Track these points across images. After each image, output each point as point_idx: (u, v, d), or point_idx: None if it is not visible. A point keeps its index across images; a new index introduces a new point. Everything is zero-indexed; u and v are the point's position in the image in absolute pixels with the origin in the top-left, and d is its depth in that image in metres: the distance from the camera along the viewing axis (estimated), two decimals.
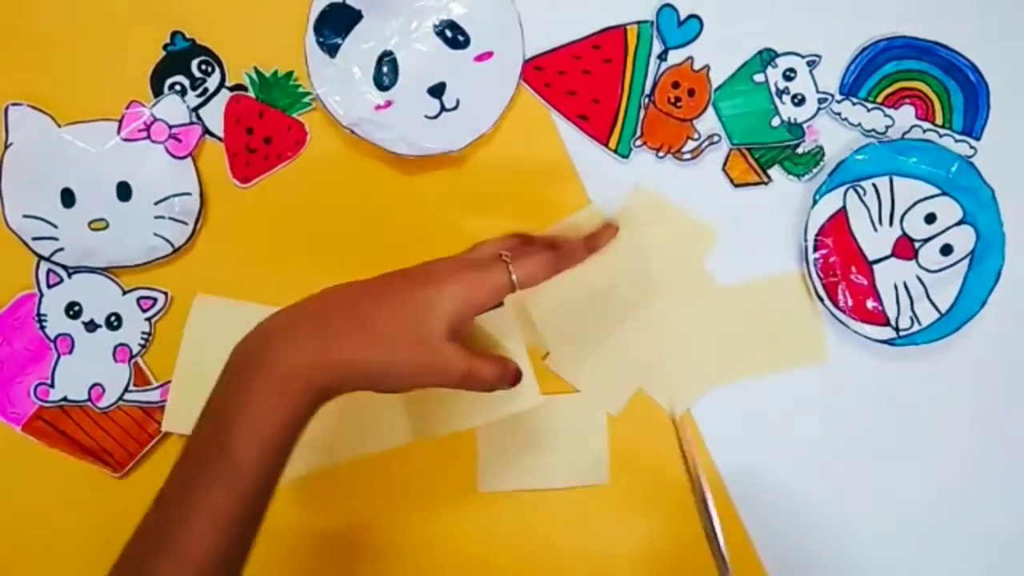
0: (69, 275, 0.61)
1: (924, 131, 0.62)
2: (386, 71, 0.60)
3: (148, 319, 0.61)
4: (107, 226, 0.60)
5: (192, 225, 0.61)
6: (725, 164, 0.63)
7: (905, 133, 0.62)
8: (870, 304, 0.61)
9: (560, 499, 0.63)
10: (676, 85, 0.62)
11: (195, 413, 0.43)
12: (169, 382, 0.61)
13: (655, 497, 0.63)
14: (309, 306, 0.45)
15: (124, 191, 0.60)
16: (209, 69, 0.61)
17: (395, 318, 0.44)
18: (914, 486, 0.63)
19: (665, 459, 0.63)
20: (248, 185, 0.62)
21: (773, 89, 0.62)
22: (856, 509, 0.63)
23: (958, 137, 0.62)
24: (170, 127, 0.60)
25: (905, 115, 0.62)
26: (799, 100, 0.62)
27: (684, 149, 0.62)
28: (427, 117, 0.60)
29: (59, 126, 0.59)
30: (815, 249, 0.61)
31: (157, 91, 0.61)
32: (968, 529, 0.63)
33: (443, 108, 0.60)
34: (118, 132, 0.60)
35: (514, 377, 0.50)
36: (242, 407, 0.42)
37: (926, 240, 0.61)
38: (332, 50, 0.60)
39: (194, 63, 0.61)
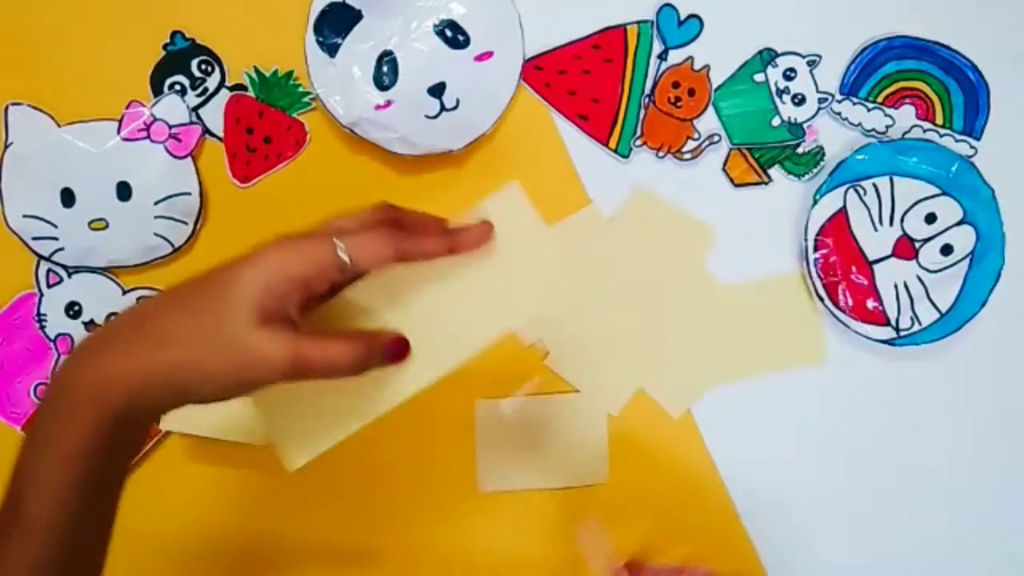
0: (69, 275, 0.61)
1: (924, 131, 0.62)
2: (386, 71, 0.60)
3: None
4: (107, 226, 0.60)
5: (192, 225, 0.61)
6: (725, 164, 0.63)
7: (905, 133, 0.62)
8: (870, 304, 0.61)
9: (560, 499, 0.63)
10: (676, 85, 0.62)
11: (195, 412, 0.41)
12: None
13: (655, 497, 0.63)
14: (107, 323, 0.41)
15: (124, 191, 0.60)
16: (209, 69, 0.61)
17: (184, 314, 0.38)
18: (914, 486, 0.63)
19: (665, 459, 0.63)
20: (248, 185, 0.62)
21: (773, 89, 0.62)
22: (856, 509, 0.63)
23: (958, 137, 0.62)
24: (170, 127, 0.60)
25: (905, 115, 0.62)
26: (799, 100, 0.62)
27: (684, 149, 0.62)
28: (427, 117, 0.60)
29: (59, 126, 0.59)
30: (815, 249, 0.61)
31: (157, 91, 0.61)
32: (968, 529, 0.63)
33: (443, 108, 0.60)
34: (118, 132, 0.60)
35: (389, 351, 0.43)
36: (35, 451, 0.37)
37: (926, 240, 0.61)
38: (332, 50, 0.60)
39: (194, 63, 0.61)
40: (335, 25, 0.59)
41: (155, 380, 0.37)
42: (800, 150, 0.63)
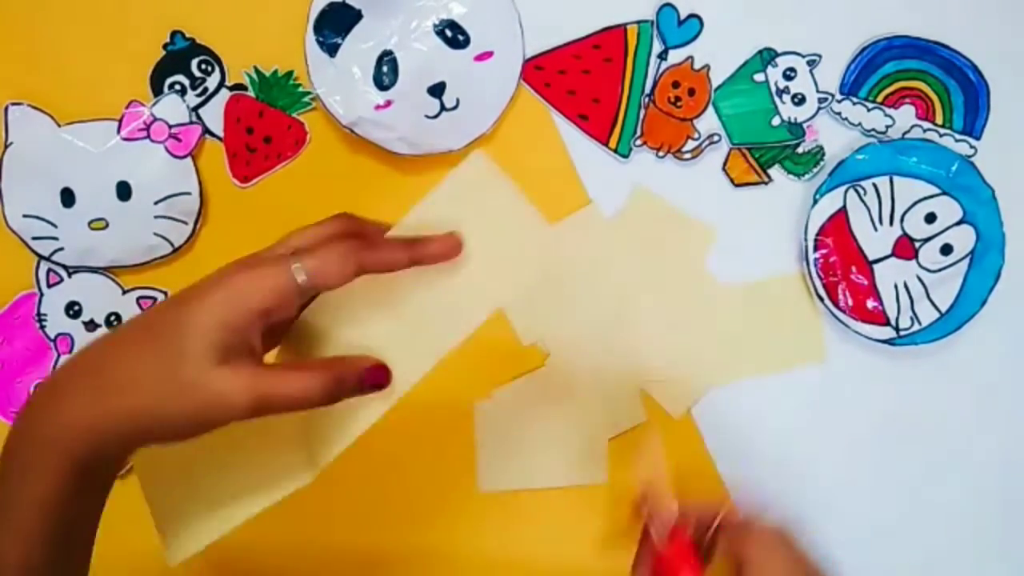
0: (69, 275, 0.61)
1: (924, 131, 0.62)
2: (386, 71, 0.60)
3: None
4: (107, 226, 0.60)
5: (192, 225, 0.61)
6: (725, 164, 0.63)
7: (905, 133, 0.62)
8: (870, 304, 0.61)
9: (560, 499, 0.63)
10: (676, 85, 0.62)
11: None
12: None
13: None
14: (63, 366, 0.38)
15: (124, 190, 0.60)
16: (209, 68, 0.61)
17: (140, 358, 0.36)
18: (914, 486, 0.63)
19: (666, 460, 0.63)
20: (248, 185, 0.62)
21: (773, 89, 0.62)
22: (856, 509, 0.63)
23: (958, 137, 0.62)
24: (170, 127, 0.60)
25: (905, 115, 0.62)
26: (799, 100, 0.62)
27: (684, 149, 0.62)
28: (427, 117, 0.60)
29: (59, 125, 0.59)
30: (815, 249, 0.61)
31: (157, 91, 0.61)
32: (968, 528, 0.63)
33: (443, 108, 0.60)
34: (118, 132, 0.60)
35: (368, 377, 0.40)
36: (3, 495, 0.36)
37: (926, 240, 0.61)
38: (332, 50, 0.60)
39: (194, 63, 0.61)
40: (335, 25, 0.59)
41: (116, 427, 0.36)
42: (800, 150, 0.63)
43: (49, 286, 0.61)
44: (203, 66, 0.61)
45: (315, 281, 0.38)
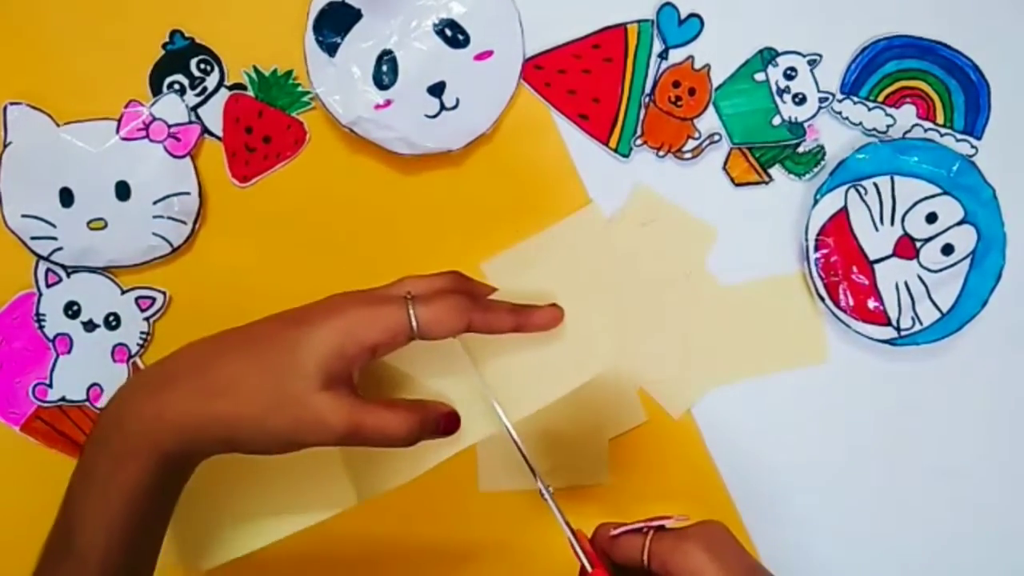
0: (68, 275, 0.61)
1: (925, 130, 0.62)
2: (385, 70, 0.60)
3: (147, 319, 0.61)
4: (106, 225, 0.60)
5: (191, 225, 0.61)
6: (726, 163, 0.63)
7: (906, 132, 0.62)
8: (871, 304, 0.61)
9: (560, 499, 0.63)
10: (676, 84, 0.62)
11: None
12: None
13: (655, 497, 0.63)
14: (163, 361, 0.40)
15: (123, 190, 0.60)
16: (208, 68, 0.61)
17: (248, 367, 0.38)
18: (914, 486, 0.63)
19: (665, 459, 0.63)
20: (247, 184, 0.62)
21: (774, 88, 0.62)
22: (856, 509, 0.63)
23: (959, 136, 0.62)
24: (169, 126, 0.60)
25: (906, 114, 0.62)
26: (800, 99, 0.62)
27: (684, 148, 0.62)
28: (427, 116, 0.60)
29: (58, 125, 0.59)
30: (816, 249, 0.61)
31: (156, 90, 0.61)
32: (968, 528, 0.63)
33: (443, 107, 0.60)
34: (117, 131, 0.60)
35: (441, 425, 0.42)
36: (87, 486, 0.38)
37: (927, 240, 0.61)
38: (331, 49, 0.59)
39: (193, 62, 0.61)
40: (335, 24, 0.59)
41: (211, 429, 0.37)
42: (801, 149, 0.62)
43: (48, 286, 0.61)
44: (202, 66, 0.61)
45: (426, 329, 0.40)
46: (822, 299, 0.61)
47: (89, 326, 0.61)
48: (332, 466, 0.45)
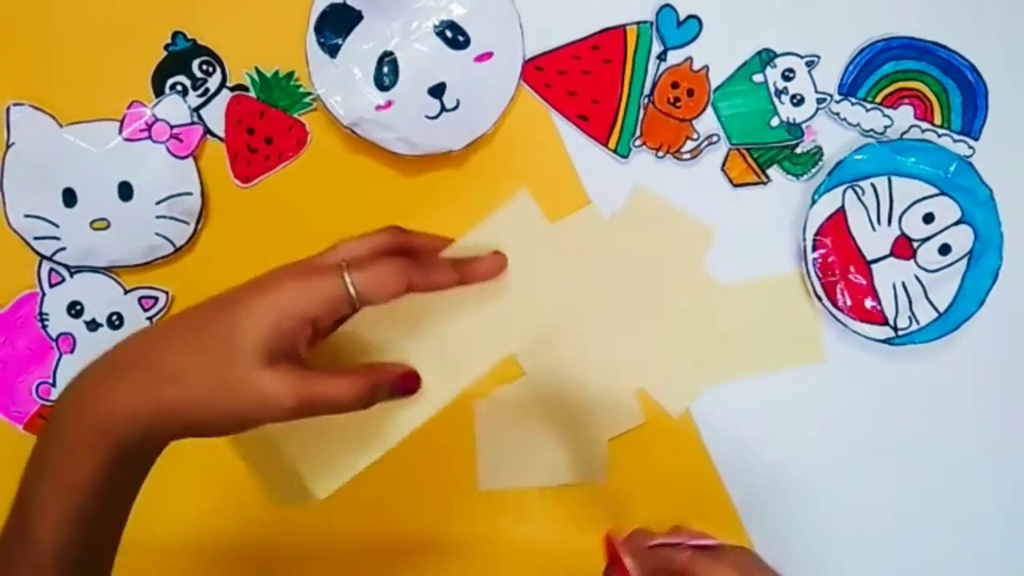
0: (71, 274, 0.61)
1: (923, 131, 0.62)
2: (386, 71, 0.60)
3: (149, 318, 0.61)
4: (108, 226, 0.60)
5: (193, 225, 0.61)
6: (724, 164, 0.63)
7: (904, 133, 0.62)
8: (869, 304, 0.62)
9: (560, 498, 0.63)
10: (675, 85, 0.62)
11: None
12: None
13: (655, 497, 0.63)
14: (111, 351, 0.39)
15: (125, 191, 0.60)
16: (210, 69, 0.62)
17: (190, 350, 0.38)
18: (913, 485, 0.63)
19: (665, 459, 0.63)
20: (249, 185, 0.62)
21: (772, 89, 0.62)
22: (856, 508, 0.63)
23: (956, 137, 0.62)
24: (171, 127, 0.60)
25: (904, 115, 0.62)
26: (798, 100, 0.62)
27: (683, 149, 0.63)
28: (427, 117, 0.60)
29: (61, 126, 0.60)
30: (814, 249, 0.61)
31: (158, 91, 0.61)
32: (968, 528, 0.64)
33: (443, 108, 0.61)
34: (120, 132, 0.60)
35: (400, 383, 0.42)
36: (42, 479, 0.37)
37: (924, 240, 0.62)
38: (333, 50, 0.60)
39: (195, 63, 0.61)
40: (336, 26, 0.60)
41: (164, 416, 0.37)
42: (799, 150, 0.63)
43: (51, 286, 0.61)
44: (204, 67, 0.61)
45: (365, 296, 0.40)
46: (820, 299, 0.61)
47: (92, 325, 0.61)
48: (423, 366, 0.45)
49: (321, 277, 0.39)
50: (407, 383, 0.43)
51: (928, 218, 0.61)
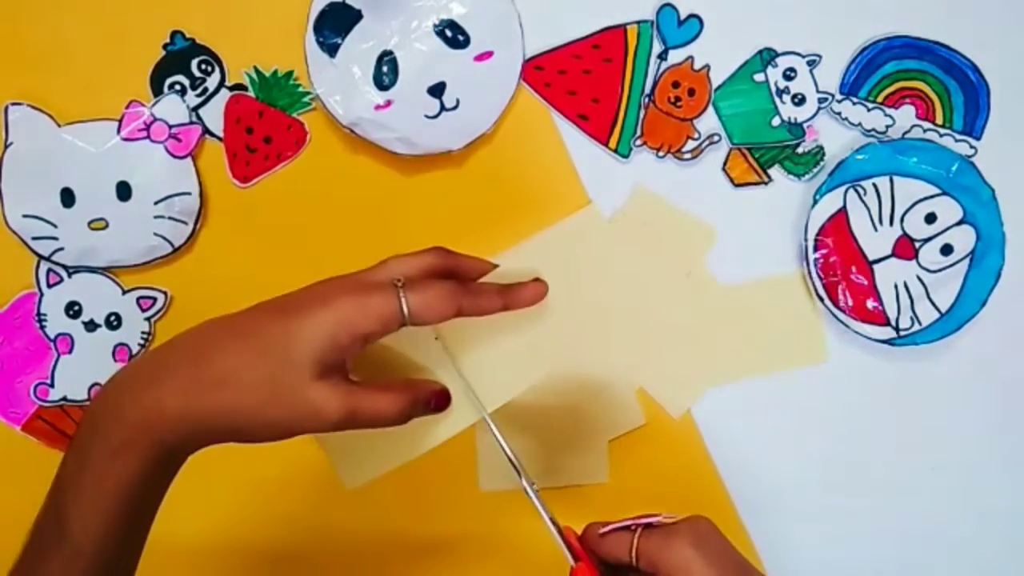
0: (69, 275, 0.61)
1: (924, 131, 0.62)
2: (386, 71, 0.60)
3: (148, 319, 0.61)
4: (107, 226, 0.60)
5: (192, 225, 0.61)
6: (725, 164, 0.63)
7: (905, 133, 0.62)
8: (870, 304, 0.61)
9: (560, 499, 0.63)
10: (676, 85, 0.62)
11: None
12: None
13: (655, 497, 0.63)
14: (157, 351, 0.40)
15: (124, 191, 0.60)
16: (209, 69, 0.61)
17: (242, 355, 0.38)
18: (914, 486, 0.63)
19: (665, 459, 0.63)
20: (248, 185, 0.62)
21: (773, 89, 0.62)
22: (855, 508, 0.63)
23: (958, 137, 0.62)
24: (170, 127, 0.60)
25: (905, 115, 0.62)
26: (799, 100, 0.62)
27: (684, 149, 0.62)
28: (427, 117, 0.60)
29: (59, 126, 0.60)
30: (815, 249, 0.61)
31: (157, 91, 0.61)
32: (968, 528, 0.63)
33: (443, 108, 0.60)
34: (118, 132, 0.60)
35: (433, 401, 0.44)
36: (83, 475, 0.37)
37: (926, 240, 0.61)
38: (332, 50, 0.60)
39: (194, 63, 0.61)
40: (335, 25, 0.59)
41: (211, 421, 0.38)
42: (800, 150, 0.63)
43: (49, 286, 0.61)
44: (203, 66, 0.61)
45: (417, 316, 0.41)
46: (821, 299, 0.61)
47: (90, 326, 0.61)
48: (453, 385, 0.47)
49: (377, 295, 0.40)
50: (439, 402, 0.45)
51: (930, 218, 0.61)
